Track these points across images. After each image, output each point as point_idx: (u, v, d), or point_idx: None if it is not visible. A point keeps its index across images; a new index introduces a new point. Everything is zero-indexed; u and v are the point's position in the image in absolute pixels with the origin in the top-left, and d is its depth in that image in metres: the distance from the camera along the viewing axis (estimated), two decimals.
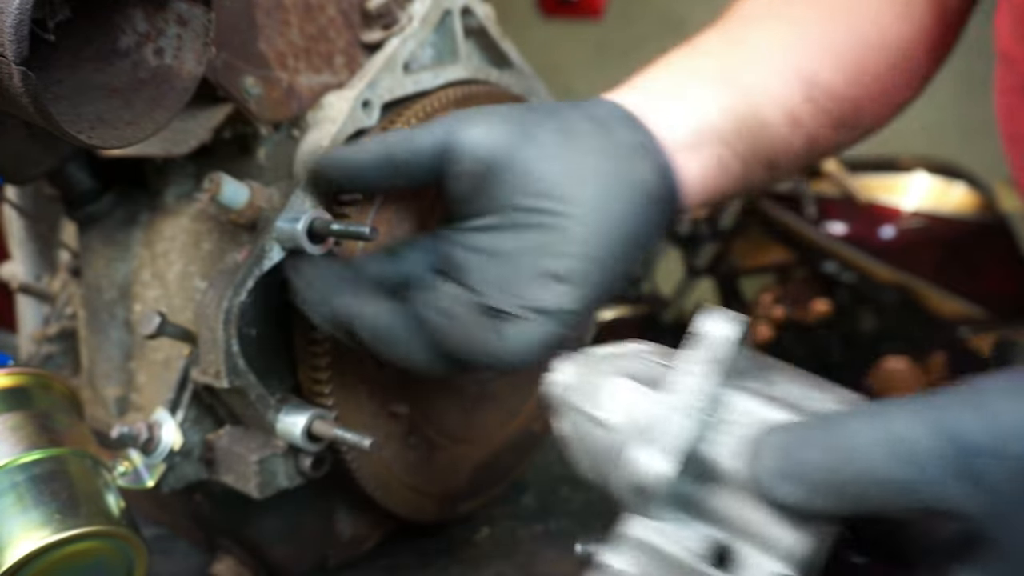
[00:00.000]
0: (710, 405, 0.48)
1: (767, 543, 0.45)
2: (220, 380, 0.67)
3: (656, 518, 0.48)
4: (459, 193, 0.67)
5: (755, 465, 0.45)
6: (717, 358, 0.49)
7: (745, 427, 0.47)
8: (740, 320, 0.50)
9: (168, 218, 0.77)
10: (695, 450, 0.47)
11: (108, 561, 0.60)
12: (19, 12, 0.48)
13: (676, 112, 0.71)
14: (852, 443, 0.42)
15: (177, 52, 0.58)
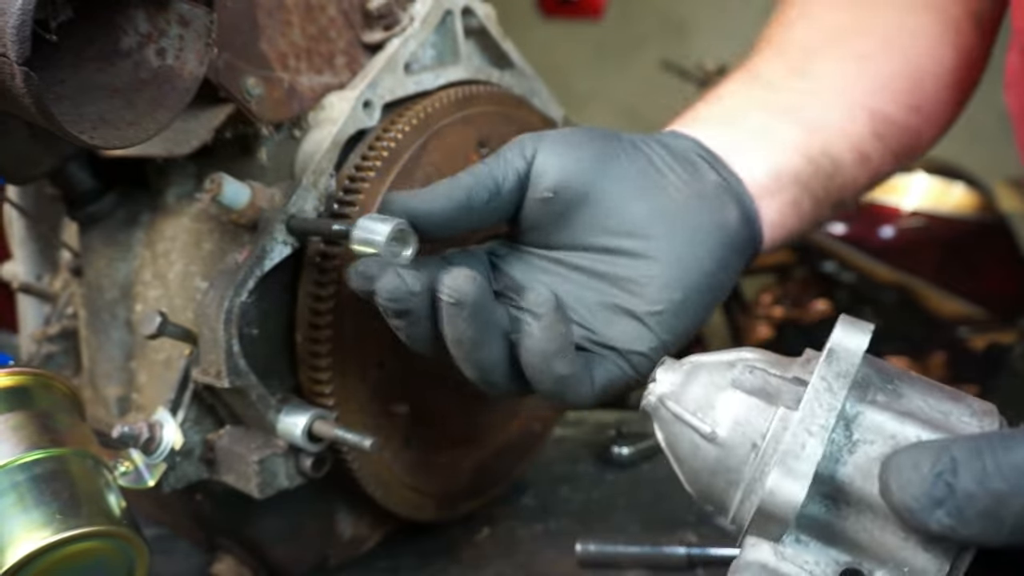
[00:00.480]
0: (839, 423, 0.45)
1: (904, 569, 0.44)
2: (221, 380, 0.67)
3: (778, 540, 0.46)
4: (534, 221, 0.65)
5: (898, 489, 0.42)
6: (846, 372, 0.46)
7: (878, 446, 0.45)
8: (867, 329, 0.47)
9: (169, 218, 0.78)
10: (823, 471, 0.45)
11: (109, 561, 0.60)
12: (21, 12, 0.48)
13: (757, 153, 0.69)
14: (1019, 470, 0.40)
15: (179, 52, 0.58)
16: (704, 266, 0.63)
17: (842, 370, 0.46)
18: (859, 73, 0.78)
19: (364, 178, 0.71)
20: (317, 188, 0.70)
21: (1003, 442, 0.41)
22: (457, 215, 0.63)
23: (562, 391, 0.59)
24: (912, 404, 0.47)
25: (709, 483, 0.50)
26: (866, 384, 0.48)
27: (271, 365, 0.71)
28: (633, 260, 0.63)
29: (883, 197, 2.81)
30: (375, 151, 0.73)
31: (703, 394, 0.51)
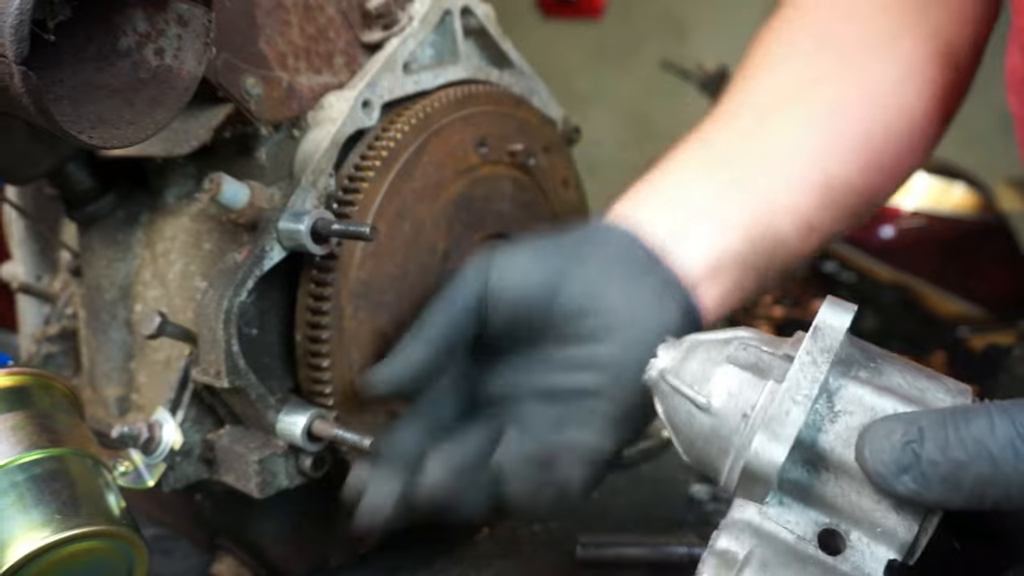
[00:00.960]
0: (822, 395, 0.49)
1: (876, 530, 0.47)
2: (220, 380, 0.67)
3: (763, 502, 0.49)
4: (495, 334, 0.69)
5: (871, 455, 0.46)
6: (830, 347, 0.49)
7: (857, 417, 0.48)
8: (850, 309, 0.51)
9: (169, 218, 0.78)
10: (806, 438, 0.48)
11: (109, 561, 0.60)
12: (20, 12, 0.48)
13: (699, 238, 0.71)
14: (977, 439, 0.44)
15: (177, 52, 0.58)
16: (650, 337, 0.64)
17: (826, 345, 0.50)
18: (815, 137, 0.77)
19: (363, 178, 0.71)
20: (316, 188, 0.70)
21: (965, 415, 0.45)
22: (440, 359, 0.67)
23: (550, 514, 0.64)
24: (891, 381, 0.50)
25: (703, 450, 0.54)
26: (849, 361, 0.51)
27: (271, 365, 0.71)
28: (586, 366, 0.66)
29: None
30: (374, 151, 0.73)
31: (700, 369, 0.54)
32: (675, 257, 0.70)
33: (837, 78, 0.79)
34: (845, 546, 0.48)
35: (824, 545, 0.48)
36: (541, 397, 0.67)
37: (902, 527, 0.47)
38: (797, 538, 0.48)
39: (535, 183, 0.86)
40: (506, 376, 0.70)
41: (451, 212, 0.78)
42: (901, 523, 0.47)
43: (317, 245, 0.67)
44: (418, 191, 0.75)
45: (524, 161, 0.84)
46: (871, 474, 0.46)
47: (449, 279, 0.70)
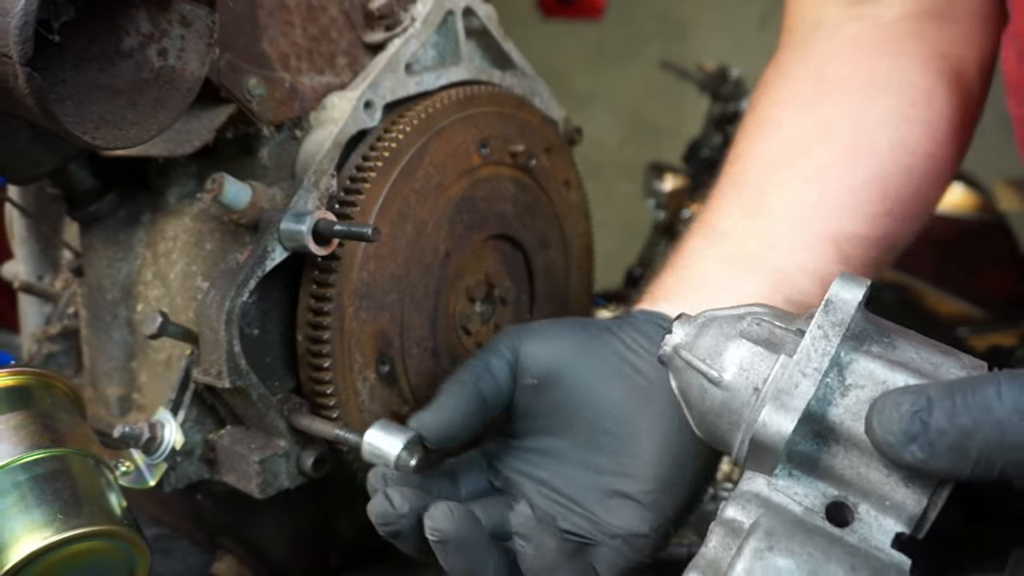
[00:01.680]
0: (833, 368, 0.49)
1: (885, 503, 0.47)
2: (222, 380, 0.67)
3: (772, 474, 0.50)
4: (524, 409, 0.69)
5: (879, 426, 0.46)
6: (841, 322, 0.50)
7: (868, 390, 0.48)
8: (863, 284, 0.51)
9: (170, 218, 0.78)
10: (816, 410, 0.49)
11: (110, 560, 0.60)
12: (24, 13, 0.48)
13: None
14: (984, 407, 0.44)
15: (181, 53, 0.58)
16: (682, 438, 0.64)
17: (837, 320, 0.50)
18: (820, 196, 0.76)
19: (365, 178, 0.71)
20: (318, 188, 0.70)
21: (973, 383, 0.45)
22: (473, 418, 0.67)
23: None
24: (905, 356, 0.51)
25: (714, 424, 0.54)
26: (863, 336, 0.51)
27: (272, 365, 0.71)
28: (617, 442, 0.66)
29: None
30: (376, 151, 0.73)
31: (713, 344, 0.55)
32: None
33: (843, 126, 0.78)
34: (853, 518, 0.48)
35: (832, 517, 0.49)
36: (574, 470, 0.66)
37: (911, 500, 0.47)
38: (805, 509, 0.49)
39: (537, 184, 0.86)
40: (532, 459, 0.69)
41: (453, 213, 0.78)
42: (910, 496, 0.47)
43: (319, 246, 0.67)
44: (420, 192, 0.75)
45: (526, 162, 0.84)
46: (880, 444, 0.46)
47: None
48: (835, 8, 0.85)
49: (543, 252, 0.87)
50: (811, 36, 0.86)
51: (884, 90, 0.80)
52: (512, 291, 0.85)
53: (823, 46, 0.84)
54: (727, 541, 0.48)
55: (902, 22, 0.82)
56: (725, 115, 3.06)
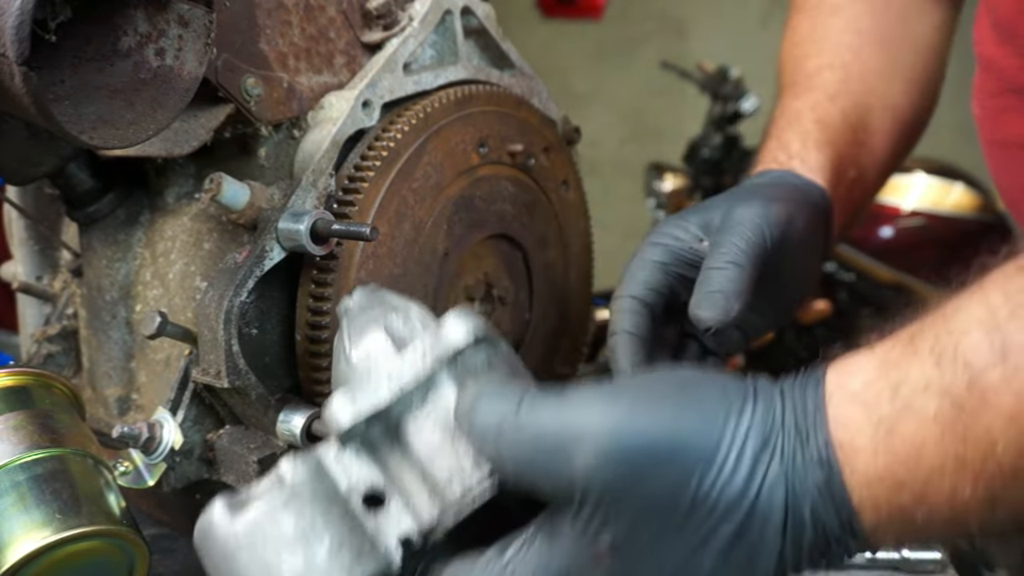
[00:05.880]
0: (423, 386, 0.54)
1: (410, 504, 0.52)
2: (220, 380, 0.67)
3: (343, 448, 0.54)
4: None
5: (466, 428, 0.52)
6: (440, 348, 0.55)
7: (439, 414, 0.54)
8: (477, 330, 0.55)
9: (169, 218, 0.78)
10: (394, 413, 0.54)
11: (109, 560, 0.60)
12: (20, 12, 0.48)
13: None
14: (473, 427, 0.51)
15: (178, 53, 0.58)
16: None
17: (440, 345, 0.55)
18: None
19: (363, 178, 0.71)
20: (316, 188, 0.70)
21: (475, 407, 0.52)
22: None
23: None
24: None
25: (335, 386, 0.59)
26: (471, 368, 0.55)
27: (271, 365, 0.71)
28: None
29: (883, 197, 2.81)
30: (374, 151, 0.73)
31: (366, 321, 0.59)
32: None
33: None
34: (383, 508, 0.52)
35: (368, 501, 0.53)
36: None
37: (427, 510, 0.52)
38: (349, 487, 0.53)
39: (536, 183, 0.86)
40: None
41: (451, 212, 0.78)
42: (428, 507, 0.52)
43: (317, 245, 0.67)
44: (418, 191, 0.75)
45: (524, 161, 0.84)
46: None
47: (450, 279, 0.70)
48: None
49: (542, 251, 0.87)
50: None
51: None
52: (511, 290, 0.85)
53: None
54: (265, 486, 0.52)
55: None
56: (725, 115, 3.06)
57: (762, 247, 0.70)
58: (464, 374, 0.55)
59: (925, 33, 0.94)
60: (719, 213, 0.73)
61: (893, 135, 0.91)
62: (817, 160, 0.82)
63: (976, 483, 0.46)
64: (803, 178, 0.81)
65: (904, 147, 0.94)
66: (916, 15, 0.94)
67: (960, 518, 0.47)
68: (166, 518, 0.86)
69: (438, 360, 0.55)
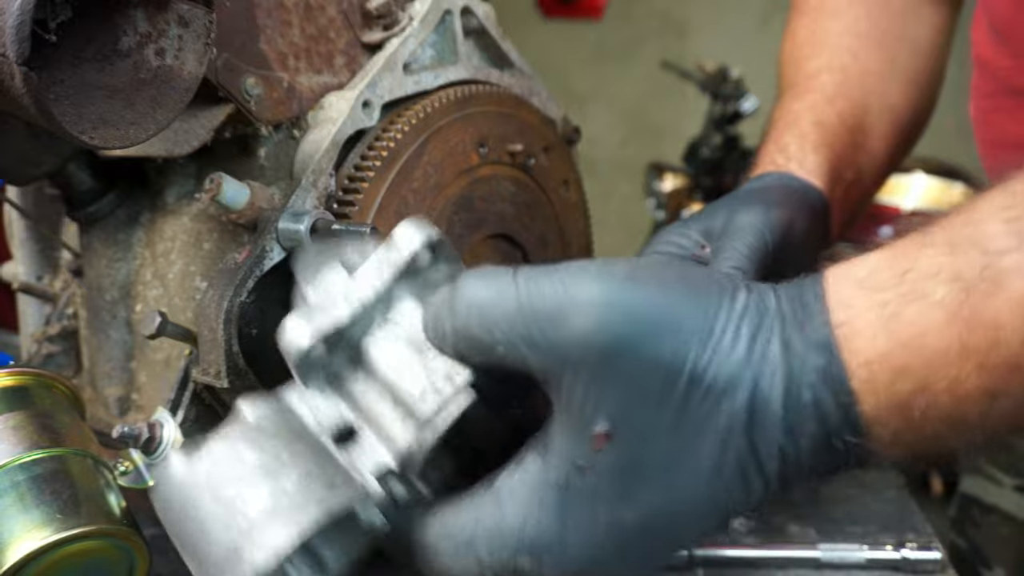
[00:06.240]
0: (381, 302, 0.52)
1: (384, 434, 0.50)
2: (221, 380, 0.67)
3: (307, 387, 0.51)
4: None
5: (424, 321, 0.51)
6: (395, 261, 0.52)
7: (403, 327, 0.52)
8: (429, 234, 0.52)
9: (169, 218, 0.78)
10: (353, 336, 0.51)
11: (109, 561, 0.60)
12: (20, 12, 0.48)
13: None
14: (458, 306, 0.49)
15: (178, 52, 0.58)
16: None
17: (393, 259, 0.52)
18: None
19: (363, 177, 0.71)
20: (316, 188, 0.70)
21: (461, 283, 0.50)
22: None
23: None
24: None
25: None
26: (429, 281, 0.53)
27: (271, 365, 0.71)
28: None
29: (883, 197, 2.82)
30: (374, 151, 0.73)
31: (320, 262, 0.56)
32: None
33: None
34: (355, 443, 0.50)
35: (339, 438, 0.50)
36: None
37: (402, 437, 0.49)
38: (317, 423, 0.50)
39: (536, 183, 0.86)
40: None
41: (451, 212, 0.78)
42: (403, 434, 0.49)
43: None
44: (418, 191, 0.75)
45: (524, 161, 0.84)
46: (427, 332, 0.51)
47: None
48: None
49: (542, 251, 0.87)
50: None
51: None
52: None
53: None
54: (228, 425, 0.50)
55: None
56: (725, 115, 3.06)
57: (764, 252, 0.70)
58: (424, 286, 0.52)
59: (924, 35, 0.95)
60: (720, 219, 0.73)
61: (891, 136, 0.91)
62: (814, 162, 0.83)
63: (979, 372, 0.44)
64: (801, 180, 0.81)
65: (902, 148, 0.95)
66: (915, 17, 0.95)
67: (959, 412, 0.45)
68: None
69: (394, 269, 0.52)
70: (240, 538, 0.45)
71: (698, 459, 0.47)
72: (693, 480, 0.47)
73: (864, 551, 0.79)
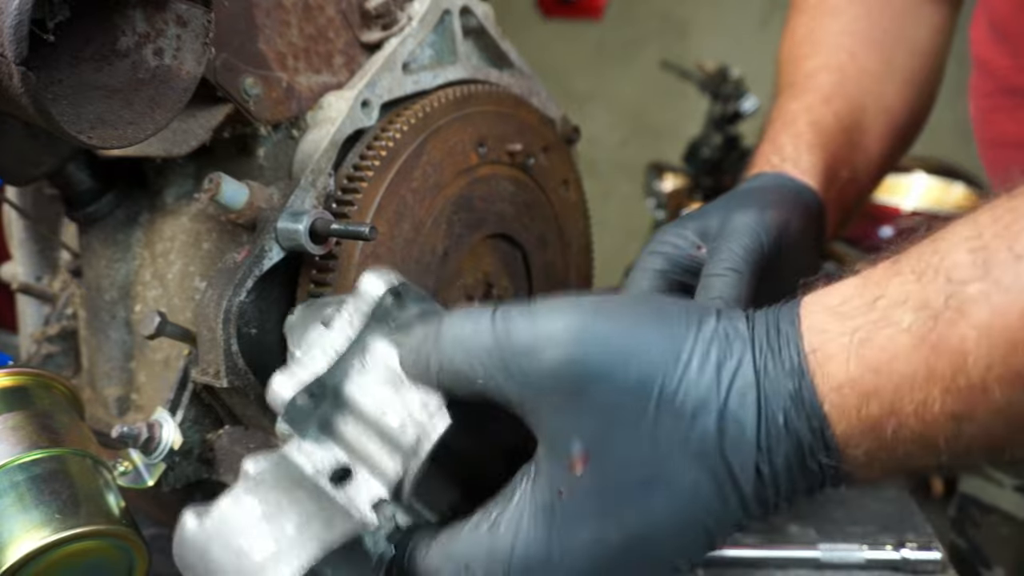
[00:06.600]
0: (359, 350, 0.56)
1: (376, 470, 0.54)
2: (220, 380, 0.67)
3: (304, 438, 0.56)
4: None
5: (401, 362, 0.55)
6: (365, 310, 0.56)
7: (379, 369, 0.55)
8: (390, 279, 0.57)
9: (168, 218, 0.78)
10: (336, 384, 0.56)
11: (108, 560, 0.60)
12: (19, 12, 0.48)
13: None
14: (443, 341, 0.52)
15: (176, 52, 0.58)
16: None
17: (360, 307, 0.56)
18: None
19: (362, 177, 0.71)
20: (315, 187, 0.70)
21: (440, 322, 0.53)
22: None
23: None
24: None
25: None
26: (400, 323, 0.57)
27: (270, 365, 0.71)
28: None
29: (883, 197, 2.81)
30: (373, 150, 0.73)
31: (306, 325, 0.60)
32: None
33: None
34: (351, 481, 0.54)
35: (335, 479, 0.54)
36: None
37: (391, 468, 0.53)
38: (315, 471, 0.54)
39: (535, 183, 0.86)
40: None
41: (451, 212, 0.78)
42: (392, 465, 0.53)
43: (316, 245, 0.67)
44: (417, 191, 0.75)
45: (524, 161, 0.84)
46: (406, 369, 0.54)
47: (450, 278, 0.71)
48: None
49: (541, 251, 0.87)
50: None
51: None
52: (510, 290, 0.85)
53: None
54: (239, 484, 0.53)
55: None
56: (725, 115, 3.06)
57: (759, 252, 0.71)
58: (396, 328, 0.56)
59: (922, 35, 0.95)
60: (716, 220, 0.74)
61: (888, 136, 0.92)
62: (809, 162, 0.83)
63: (945, 396, 0.46)
64: (796, 181, 0.81)
65: (899, 147, 0.95)
66: (914, 17, 0.95)
67: (929, 434, 0.47)
68: (166, 518, 0.86)
69: (363, 316, 0.56)
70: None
71: (675, 479, 0.49)
72: (672, 500, 0.49)
73: (864, 551, 0.79)
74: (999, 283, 0.45)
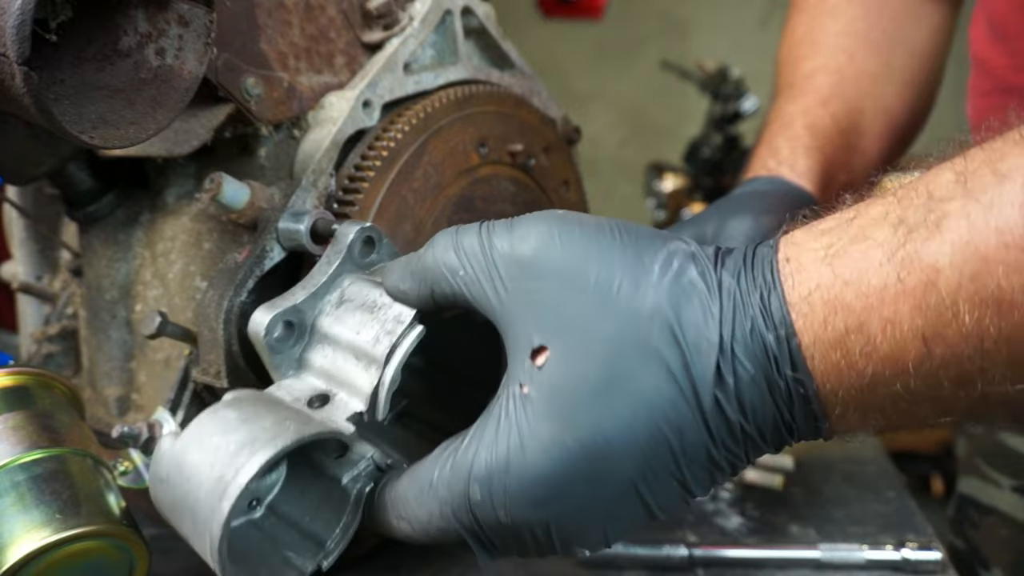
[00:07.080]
0: (334, 288, 0.61)
1: (354, 388, 0.56)
2: (220, 380, 0.67)
3: (288, 378, 0.59)
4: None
5: (385, 279, 0.58)
6: (340, 252, 0.61)
7: (355, 303, 0.59)
8: (363, 226, 0.61)
9: (169, 218, 0.78)
10: (312, 320, 0.60)
11: (109, 561, 0.60)
12: (21, 12, 0.48)
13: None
14: (433, 245, 0.55)
15: (178, 52, 0.58)
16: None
17: (337, 251, 0.61)
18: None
19: (364, 177, 0.71)
20: (316, 188, 0.70)
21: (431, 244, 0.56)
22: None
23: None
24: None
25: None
26: (369, 264, 0.62)
27: None
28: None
29: None
30: (375, 151, 0.73)
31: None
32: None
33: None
34: (330, 403, 0.56)
35: (313, 405, 0.56)
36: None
37: (367, 381, 0.55)
38: (293, 399, 0.57)
39: (536, 183, 0.86)
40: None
41: (451, 212, 0.78)
42: (367, 379, 0.55)
43: (317, 245, 0.67)
44: (418, 191, 0.75)
45: (525, 162, 0.84)
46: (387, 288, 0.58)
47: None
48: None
49: None
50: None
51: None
52: None
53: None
54: (206, 411, 0.55)
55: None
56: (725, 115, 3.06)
57: None
58: (370, 272, 0.60)
59: (922, 36, 0.95)
60: (711, 226, 0.74)
61: (886, 137, 0.92)
62: (805, 166, 0.84)
63: (914, 314, 0.45)
64: (791, 184, 0.82)
65: (897, 149, 0.95)
66: (914, 18, 0.95)
67: (897, 355, 0.46)
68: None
69: (339, 258, 0.61)
70: (224, 468, 0.50)
71: (632, 381, 0.48)
72: (629, 404, 0.48)
73: (864, 551, 0.79)
74: (978, 200, 0.44)
